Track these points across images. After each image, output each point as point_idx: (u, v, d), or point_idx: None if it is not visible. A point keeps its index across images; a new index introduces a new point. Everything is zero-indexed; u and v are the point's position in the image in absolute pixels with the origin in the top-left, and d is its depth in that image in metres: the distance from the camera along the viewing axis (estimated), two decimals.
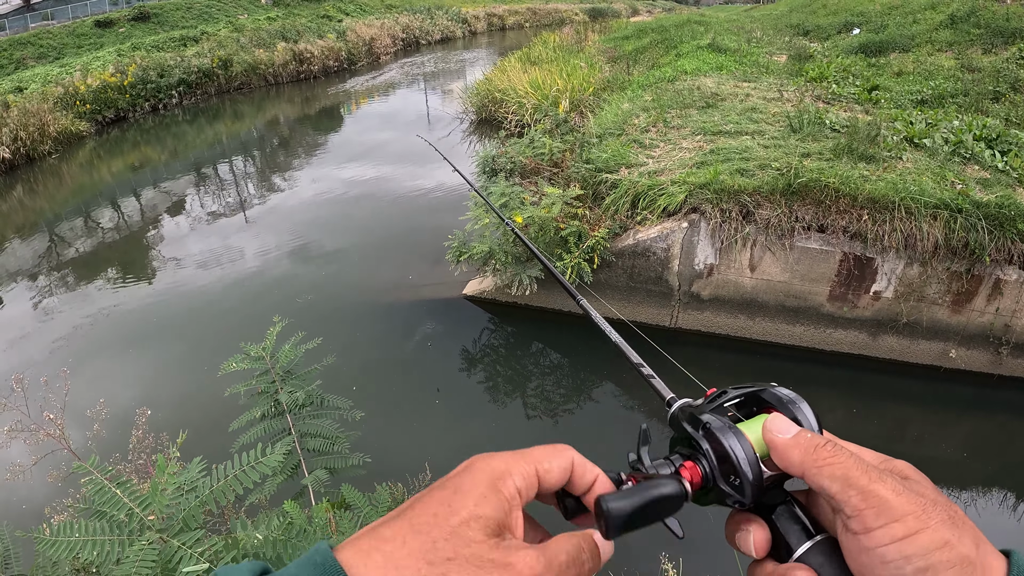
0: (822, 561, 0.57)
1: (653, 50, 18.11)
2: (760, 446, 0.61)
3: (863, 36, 16.93)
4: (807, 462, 0.57)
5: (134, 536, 1.92)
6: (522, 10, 47.84)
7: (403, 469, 4.59)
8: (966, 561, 0.51)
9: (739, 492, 0.59)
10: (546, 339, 7.72)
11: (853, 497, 0.54)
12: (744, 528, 0.62)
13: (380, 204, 12.06)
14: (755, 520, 0.62)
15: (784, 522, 0.60)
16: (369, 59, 29.50)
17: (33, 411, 3.01)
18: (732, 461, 0.59)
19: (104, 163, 16.65)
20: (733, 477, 0.59)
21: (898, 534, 0.52)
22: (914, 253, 6.30)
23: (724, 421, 0.62)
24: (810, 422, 0.63)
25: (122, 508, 1.96)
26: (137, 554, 1.80)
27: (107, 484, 1.98)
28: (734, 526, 0.63)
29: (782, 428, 0.61)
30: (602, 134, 9.29)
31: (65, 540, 1.89)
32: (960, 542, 0.51)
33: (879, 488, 0.54)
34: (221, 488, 2.08)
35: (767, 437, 0.61)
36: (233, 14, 32.28)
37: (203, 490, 2.07)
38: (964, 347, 6.69)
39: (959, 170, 7.14)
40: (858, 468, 0.55)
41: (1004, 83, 10.81)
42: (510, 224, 1.41)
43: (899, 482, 0.55)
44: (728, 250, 6.78)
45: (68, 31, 27.01)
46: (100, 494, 1.98)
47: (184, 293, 9.03)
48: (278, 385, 3.22)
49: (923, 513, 0.52)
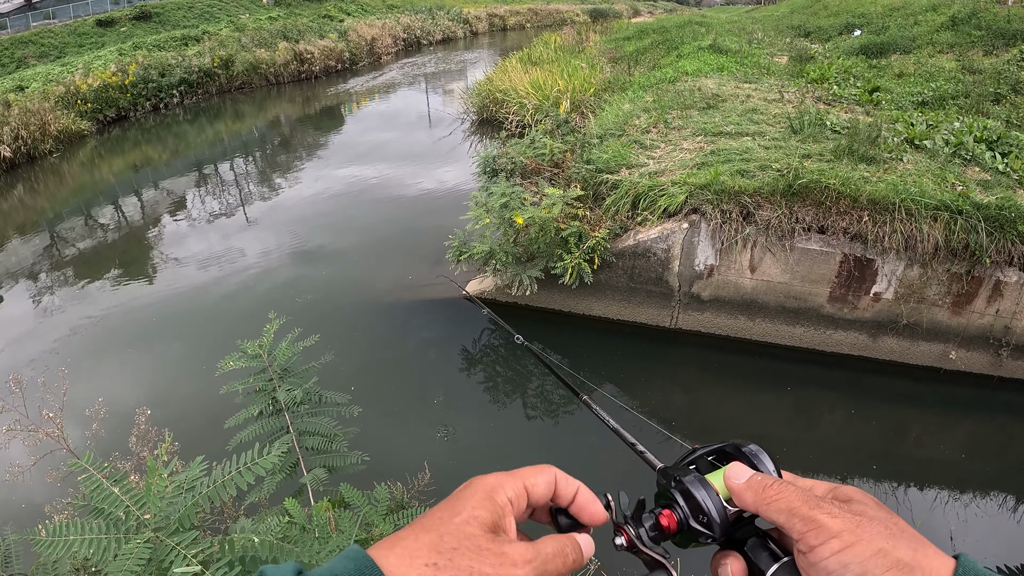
0: None
1: (654, 51, 18.12)
2: (723, 490, 0.72)
3: (864, 37, 16.92)
4: (758, 501, 0.68)
5: (131, 534, 1.92)
6: (523, 11, 47.87)
7: (402, 469, 4.59)
8: (900, 564, 0.59)
9: (708, 528, 0.71)
10: (546, 339, 7.72)
11: (797, 524, 0.64)
12: (723, 562, 0.72)
13: (381, 204, 12.06)
14: (731, 554, 0.72)
15: (755, 551, 0.71)
16: (370, 59, 29.51)
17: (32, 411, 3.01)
18: (699, 503, 0.71)
19: (105, 162, 16.66)
20: (701, 516, 0.71)
21: (835, 548, 0.61)
22: (914, 255, 6.30)
23: (693, 474, 0.74)
24: (767, 468, 0.75)
25: (119, 505, 1.96)
26: (131, 551, 1.80)
27: (104, 481, 1.98)
28: (716, 563, 0.73)
29: (738, 474, 0.72)
30: (603, 135, 9.30)
31: (62, 540, 1.89)
32: (895, 548, 0.60)
33: (816, 514, 0.64)
34: (217, 489, 2.08)
35: (727, 483, 0.72)
36: (235, 14, 32.30)
37: (199, 491, 2.07)
38: (964, 349, 6.68)
39: (960, 172, 7.13)
40: (799, 500, 0.66)
41: (1005, 85, 10.81)
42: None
43: (836, 506, 0.65)
44: (728, 251, 6.78)
45: (69, 30, 27.03)
46: (97, 491, 1.98)
47: (184, 292, 9.04)
48: (276, 383, 3.21)
49: (856, 528, 0.62)
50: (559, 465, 0.74)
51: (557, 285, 7.14)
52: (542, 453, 5.94)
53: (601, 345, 7.51)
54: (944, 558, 0.61)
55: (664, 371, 7.33)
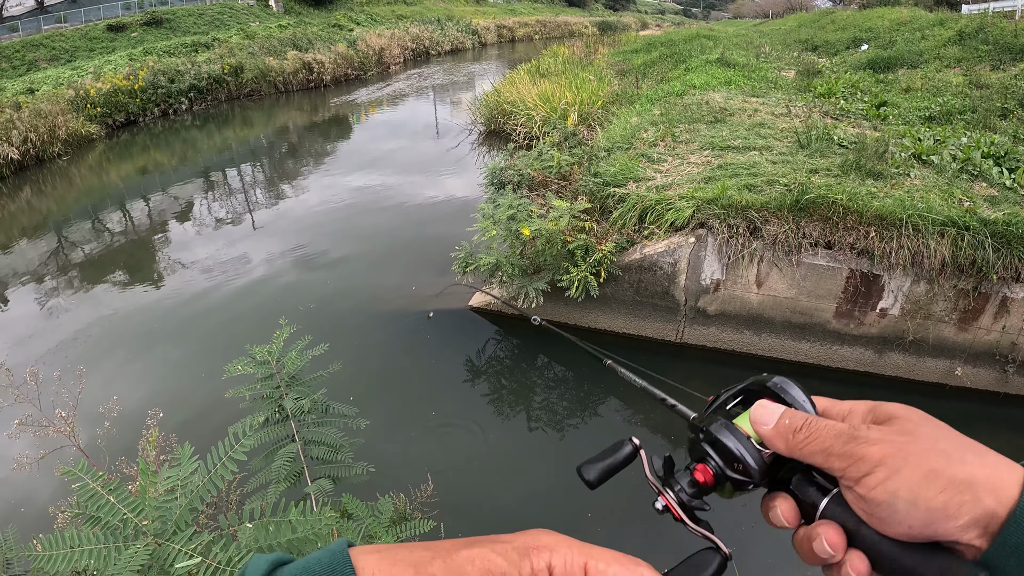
0: (841, 510, 0.63)
1: (662, 64, 18.18)
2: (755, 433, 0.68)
3: (871, 52, 16.96)
4: (791, 447, 0.65)
5: (129, 541, 1.92)
6: (532, 22, 48.15)
7: (405, 480, 4.58)
8: (955, 483, 0.55)
9: (746, 475, 0.67)
10: (551, 353, 7.71)
11: (835, 461, 0.61)
12: (772, 505, 0.68)
13: (387, 213, 12.09)
14: (779, 495, 0.68)
15: (802, 488, 0.67)
16: (379, 69, 29.68)
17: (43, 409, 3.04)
18: (731, 452, 0.67)
19: (113, 166, 16.77)
20: (736, 464, 0.67)
21: (881, 478, 0.58)
22: (921, 270, 6.28)
23: (720, 421, 0.70)
24: (797, 400, 0.70)
25: (116, 514, 1.97)
26: (131, 558, 1.80)
27: (99, 490, 1.98)
28: (765, 508, 0.69)
29: (765, 419, 0.68)
30: (610, 148, 9.32)
31: (61, 554, 1.90)
32: (948, 466, 0.56)
33: (852, 448, 0.60)
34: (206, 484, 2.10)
35: (756, 430, 0.68)
36: (245, 22, 32.54)
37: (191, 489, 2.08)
38: (970, 365, 6.65)
39: (967, 187, 7.12)
40: (832, 437, 0.62)
41: (1012, 100, 10.80)
42: None
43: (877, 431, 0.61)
44: (735, 266, 6.77)
45: (80, 34, 27.27)
46: (92, 500, 1.99)
47: (191, 298, 9.06)
48: (283, 390, 3.21)
49: (900, 452, 0.58)
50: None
51: (563, 298, 7.14)
52: (550, 471, 5.91)
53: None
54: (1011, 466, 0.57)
55: (669, 385, 7.30)
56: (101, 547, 1.94)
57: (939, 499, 0.55)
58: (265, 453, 3.17)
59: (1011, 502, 0.54)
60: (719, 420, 0.70)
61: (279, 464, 3.00)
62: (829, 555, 0.62)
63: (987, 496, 0.55)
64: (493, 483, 5.68)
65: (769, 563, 4.73)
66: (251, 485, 3.24)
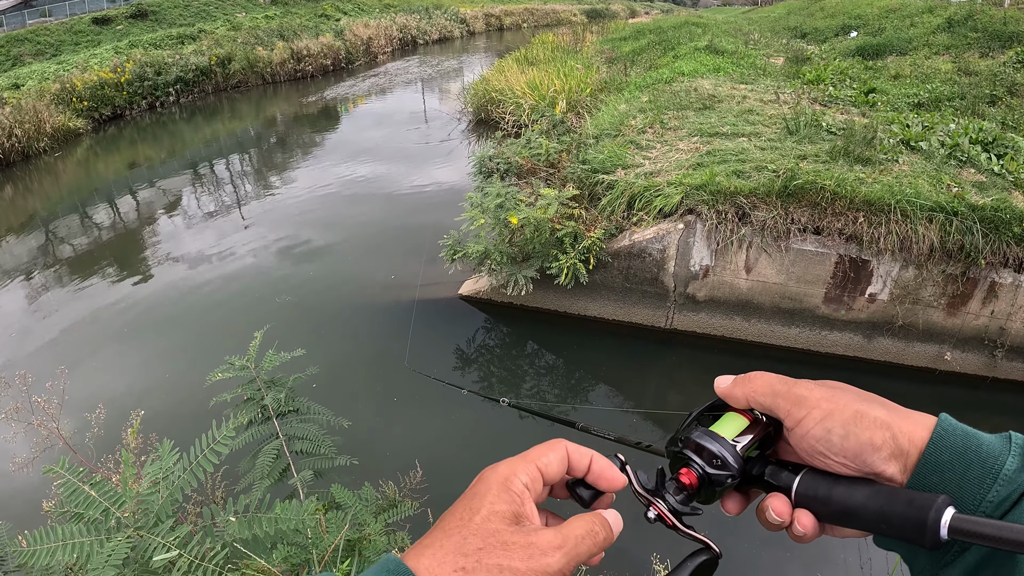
0: (809, 482, 0.71)
1: (651, 52, 18.11)
2: (728, 433, 0.75)
3: (860, 39, 16.96)
4: (746, 392, 0.75)
5: (111, 534, 1.90)
6: (520, 11, 47.86)
7: (394, 468, 4.56)
8: (878, 422, 0.67)
9: (725, 468, 0.73)
10: (541, 339, 7.70)
11: (781, 402, 0.72)
12: (765, 507, 0.73)
13: (375, 202, 12.04)
14: (768, 498, 0.74)
15: (776, 476, 0.74)
16: (367, 58, 29.46)
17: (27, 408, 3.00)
18: (709, 450, 0.74)
19: (100, 160, 16.62)
20: (715, 460, 0.73)
21: (817, 417, 0.69)
22: (909, 256, 6.30)
23: (697, 429, 0.77)
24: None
25: (97, 507, 1.95)
26: (112, 551, 1.78)
27: (80, 485, 1.96)
28: (760, 513, 0.74)
29: (723, 380, 0.79)
30: (599, 135, 9.28)
31: (45, 548, 1.88)
32: (871, 409, 0.68)
33: (795, 389, 0.72)
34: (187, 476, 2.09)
35: (717, 390, 0.79)
36: (231, 12, 32.22)
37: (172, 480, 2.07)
38: (959, 350, 6.69)
39: (955, 173, 7.13)
40: (778, 381, 0.74)
41: (1001, 87, 10.83)
42: None
43: (813, 383, 0.73)
44: (724, 252, 6.77)
45: (66, 28, 26.93)
46: (74, 496, 1.96)
47: (177, 291, 8.99)
48: (263, 392, 3.23)
49: (833, 397, 0.70)
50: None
51: (552, 285, 7.12)
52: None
53: (596, 345, 7.49)
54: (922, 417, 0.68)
55: (659, 372, 7.32)
56: (83, 541, 1.92)
57: (865, 434, 0.66)
58: (251, 454, 3.21)
59: (922, 443, 0.65)
60: (696, 429, 0.77)
61: (263, 460, 3.00)
62: (779, 521, 0.71)
63: (902, 437, 0.66)
64: (484, 464, 5.66)
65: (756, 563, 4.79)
66: (240, 486, 3.28)
